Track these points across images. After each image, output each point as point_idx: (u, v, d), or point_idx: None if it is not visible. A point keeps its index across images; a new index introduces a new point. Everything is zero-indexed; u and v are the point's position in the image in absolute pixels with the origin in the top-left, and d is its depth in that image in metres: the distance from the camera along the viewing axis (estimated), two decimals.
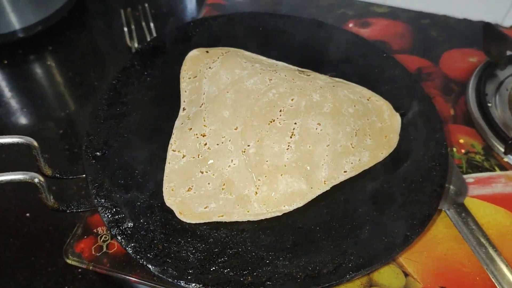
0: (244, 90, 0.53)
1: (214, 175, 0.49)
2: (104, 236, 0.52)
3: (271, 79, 0.54)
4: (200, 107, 0.53)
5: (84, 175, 0.49)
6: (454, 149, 0.62)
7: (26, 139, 0.45)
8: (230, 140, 0.50)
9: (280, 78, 0.55)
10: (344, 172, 0.51)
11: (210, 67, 0.56)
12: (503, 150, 0.61)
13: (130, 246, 0.44)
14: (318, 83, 0.55)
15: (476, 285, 0.50)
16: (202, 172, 0.49)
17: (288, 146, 0.50)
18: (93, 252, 0.51)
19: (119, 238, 0.44)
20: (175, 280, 0.42)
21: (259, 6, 0.84)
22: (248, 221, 0.47)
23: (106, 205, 0.46)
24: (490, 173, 0.60)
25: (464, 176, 0.59)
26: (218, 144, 0.50)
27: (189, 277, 0.42)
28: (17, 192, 0.59)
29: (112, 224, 0.45)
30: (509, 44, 0.72)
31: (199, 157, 0.50)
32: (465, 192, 0.57)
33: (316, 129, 0.51)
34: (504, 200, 0.57)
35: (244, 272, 0.43)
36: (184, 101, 0.56)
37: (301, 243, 0.46)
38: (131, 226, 0.45)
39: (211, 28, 0.65)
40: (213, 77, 0.55)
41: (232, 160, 0.50)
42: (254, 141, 0.50)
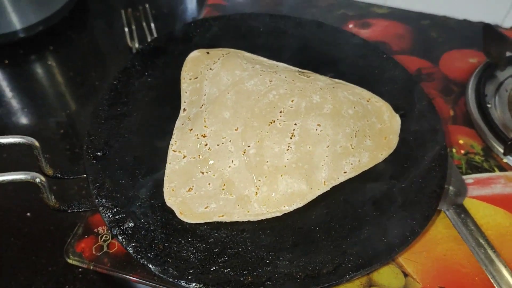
0: (245, 91, 0.53)
1: (214, 176, 0.49)
2: (104, 235, 0.52)
3: (271, 81, 0.54)
4: (201, 108, 0.54)
5: (85, 175, 0.49)
6: (454, 149, 0.62)
7: (27, 139, 0.45)
8: (230, 141, 0.50)
9: (280, 79, 0.55)
10: (344, 172, 0.51)
11: (211, 69, 0.57)
12: (502, 151, 0.61)
13: (130, 246, 0.44)
14: (318, 84, 0.55)
15: (475, 285, 0.50)
16: (203, 173, 0.49)
17: (288, 147, 0.50)
18: (93, 252, 0.51)
19: (120, 238, 0.44)
20: (176, 280, 0.42)
21: (260, 7, 0.84)
22: (248, 221, 0.47)
23: (107, 205, 0.46)
24: (490, 173, 0.60)
25: (463, 176, 0.59)
26: (218, 145, 0.50)
27: (189, 276, 0.42)
28: (18, 192, 0.59)
29: (113, 224, 0.45)
30: (509, 45, 0.72)
31: (199, 157, 0.50)
32: (464, 193, 0.57)
33: (316, 130, 0.51)
34: (504, 200, 0.57)
35: (244, 272, 0.43)
36: (184, 101, 0.56)
37: (301, 243, 0.46)
38: (132, 226, 0.45)
39: (211, 28, 0.65)
40: (213, 78, 0.56)
41: (232, 161, 0.50)
42: (255, 141, 0.50)
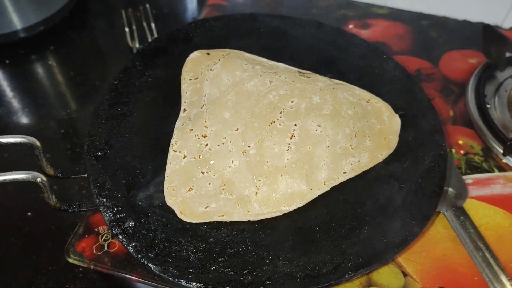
0: (245, 92, 0.53)
1: (214, 176, 0.49)
2: (105, 235, 0.52)
3: (271, 81, 0.55)
4: (201, 108, 0.54)
5: (85, 175, 0.49)
6: (453, 150, 0.62)
7: (28, 139, 0.45)
8: (231, 141, 0.51)
9: (280, 80, 0.55)
10: (343, 173, 0.51)
11: (211, 69, 0.57)
12: (501, 151, 0.61)
13: (131, 245, 0.44)
14: (318, 85, 0.56)
15: (474, 285, 0.50)
16: (203, 173, 0.50)
17: (288, 147, 0.50)
18: (94, 251, 0.51)
19: (121, 237, 0.44)
20: (176, 279, 0.42)
21: (260, 7, 0.84)
22: (249, 221, 0.47)
23: (108, 204, 0.46)
24: (489, 174, 0.60)
25: (463, 177, 0.59)
26: (219, 145, 0.50)
27: (189, 276, 0.42)
28: (18, 192, 0.59)
29: (114, 224, 0.45)
30: (508, 45, 0.72)
31: (200, 157, 0.50)
32: (465, 196, 0.57)
33: (316, 130, 0.51)
34: (503, 201, 0.57)
35: (244, 272, 0.44)
36: (185, 102, 0.56)
37: (301, 243, 0.46)
38: (132, 225, 0.45)
39: (212, 29, 0.66)
40: (214, 79, 0.56)
41: (232, 161, 0.50)
42: (255, 142, 0.50)
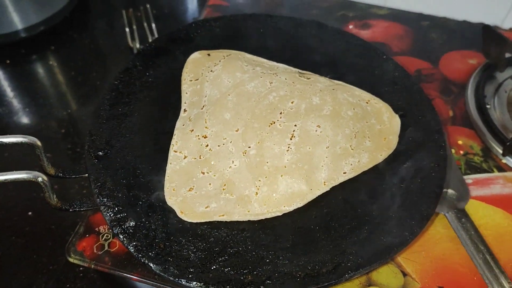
0: (245, 93, 0.54)
1: (215, 176, 0.49)
2: (106, 234, 0.53)
3: (271, 82, 0.55)
4: (202, 109, 0.54)
5: (86, 175, 0.49)
6: (453, 150, 0.62)
7: (30, 139, 0.45)
8: (231, 142, 0.51)
9: (280, 81, 0.55)
10: (343, 173, 0.51)
11: (212, 70, 0.57)
12: (501, 152, 0.62)
13: (132, 245, 0.44)
14: (318, 86, 0.56)
15: (473, 285, 0.50)
16: (203, 173, 0.50)
17: (288, 147, 0.50)
18: (95, 251, 0.51)
19: (121, 237, 0.44)
20: (176, 279, 0.42)
21: (260, 8, 0.84)
22: (249, 220, 0.48)
23: (108, 204, 0.46)
24: (489, 174, 0.60)
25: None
26: (219, 146, 0.51)
27: (190, 275, 0.43)
28: (19, 191, 0.59)
29: (114, 223, 0.45)
30: (508, 46, 0.72)
31: (200, 158, 0.50)
32: (467, 198, 0.56)
33: (316, 131, 0.52)
34: (503, 201, 0.57)
35: (245, 271, 0.44)
36: (185, 102, 0.56)
37: (300, 242, 0.46)
38: (133, 225, 0.45)
39: (212, 29, 0.66)
40: (215, 80, 0.56)
41: (233, 161, 0.50)
42: (255, 142, 0.51)
